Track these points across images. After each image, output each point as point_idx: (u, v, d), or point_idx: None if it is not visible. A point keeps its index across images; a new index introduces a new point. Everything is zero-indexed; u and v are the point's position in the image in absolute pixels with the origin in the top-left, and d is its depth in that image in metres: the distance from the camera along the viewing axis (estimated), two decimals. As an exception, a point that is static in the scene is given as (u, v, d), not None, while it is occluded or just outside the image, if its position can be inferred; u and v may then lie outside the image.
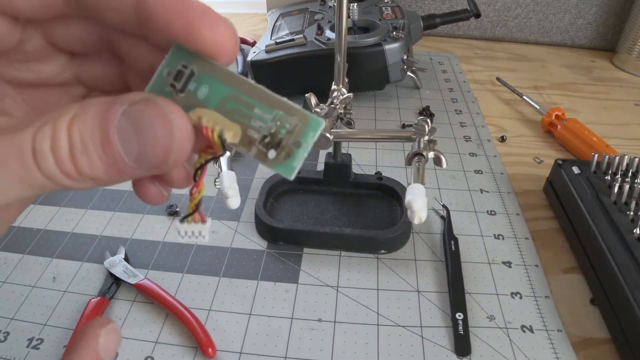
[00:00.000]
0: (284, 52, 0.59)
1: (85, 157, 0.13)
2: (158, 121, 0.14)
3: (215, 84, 0.15)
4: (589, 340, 0.35)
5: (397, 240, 0.41)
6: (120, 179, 0.14)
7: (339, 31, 0.38)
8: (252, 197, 0.47)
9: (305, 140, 0.15)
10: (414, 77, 0.66)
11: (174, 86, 0.15)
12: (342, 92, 0.40)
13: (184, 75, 0.15)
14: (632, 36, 0.73)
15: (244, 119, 0.15)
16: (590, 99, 0.67)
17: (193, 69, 0.15)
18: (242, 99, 0.15)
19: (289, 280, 0.39)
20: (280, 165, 0.15)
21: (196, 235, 0.17)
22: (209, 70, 0.15)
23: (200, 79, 0.15)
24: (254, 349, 0.34)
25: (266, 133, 0.15)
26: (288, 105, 0.15)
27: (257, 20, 0.92)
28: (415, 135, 0.35)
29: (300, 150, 0.15)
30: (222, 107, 0.15)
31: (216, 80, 0.15)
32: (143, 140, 0.14)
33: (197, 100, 0.15)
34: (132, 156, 0.14)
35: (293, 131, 0.15)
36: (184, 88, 0.15)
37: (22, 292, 0.37)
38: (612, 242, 0.36)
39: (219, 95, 0.15)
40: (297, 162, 0.15)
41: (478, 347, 0.34)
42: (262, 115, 0.15)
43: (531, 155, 0.55)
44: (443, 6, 0.83)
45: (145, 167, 0.14)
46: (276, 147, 0.15)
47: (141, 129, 0.14)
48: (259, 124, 0.15)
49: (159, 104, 0.14)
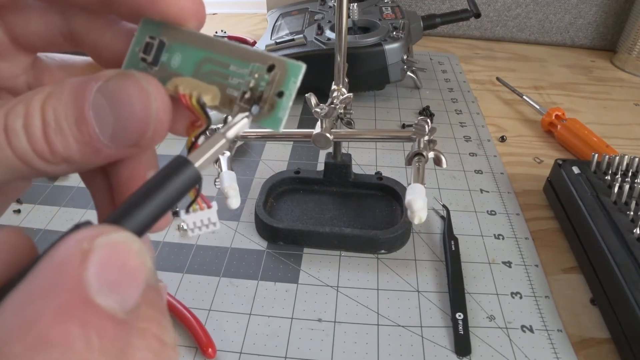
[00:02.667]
0: (283, 52, 0.59)
1: (59, 136, 0.13)
2: (134, 92, 0.13)
3: (187, 51, 0.15)
4: (589, 340, 0.35)
5: (397, 240, 0.41)
6: (95, 160, 0.14)
7: (339, 31, 0.38)
8: (252, 197, 0.47)
9: (287, 88, 0.14)
10: (414, 77, 0.66)
11: (145, 60, 0.15)
12: (342, 92, 0.40)
13: (153, 46, 0.15)
14: (632, 36, 0.73)
15: (221, 79, 0.14)
16: (590, 99, 0.67)
17: (163, 40, 0.15)
18: (217, 59, 0.14)
19: (289, 280, 0.39)
20: (265, 119, 0.14)
21: (206, 224, 0.16)
22: (179, 38, 0.15)
23: (172, 48, 0.15)
24: (254, 349, 0.34)
25: (245, 89, 0.14)
26: (263, 55, 0.14)
27: (257, 20, 0.92)
28: (415, 135, 0.35)
29: (283, 99, 0.14)
30: (198, 72, 0.15)
31: (188, 46, 0.15)
32: (119, 114, 0.13)
33: (172, 70, 0.15)
34: (107, 133, 0.13)
35: (273, 81, 0.14)
36: (157, 60, 0.15)
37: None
38: (612, 242, 0.36)
39: (192, 60, 0.15)
40: (282, 112, 0.14)
41: (478, 347, 0.34)
42: (239, 71, 0.14)
43: (531, 155, 0.55)
44: (443, 6, 0.83)
45: (122, 144, 0.14)
46: (258, 102, 0.14)
47: (117, 103, 0.13)
48: (237, 81, 0.14)
49: (134, 75, 0.13)
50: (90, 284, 0.10)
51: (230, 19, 0.93)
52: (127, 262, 0.11)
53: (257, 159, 0.53)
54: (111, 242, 0.11)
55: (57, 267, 0.10)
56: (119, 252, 0.11)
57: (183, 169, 0.13)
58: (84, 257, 0.10)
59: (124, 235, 0.11)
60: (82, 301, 0.10)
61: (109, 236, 0.11)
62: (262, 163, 0.52)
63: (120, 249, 0.11)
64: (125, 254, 0.11)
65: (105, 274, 0.11)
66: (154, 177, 0.13)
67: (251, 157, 0.53)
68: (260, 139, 0.48)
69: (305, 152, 0.54)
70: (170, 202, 0.13)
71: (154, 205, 0.12)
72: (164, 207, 0.13)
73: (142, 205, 0.12)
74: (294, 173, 0.46)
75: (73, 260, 0.10)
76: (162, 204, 0.13)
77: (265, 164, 0.52)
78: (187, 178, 0.13)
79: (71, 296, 0.10)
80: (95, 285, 0.10)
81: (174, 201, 0.13)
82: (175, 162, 0.13)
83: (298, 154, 0.54)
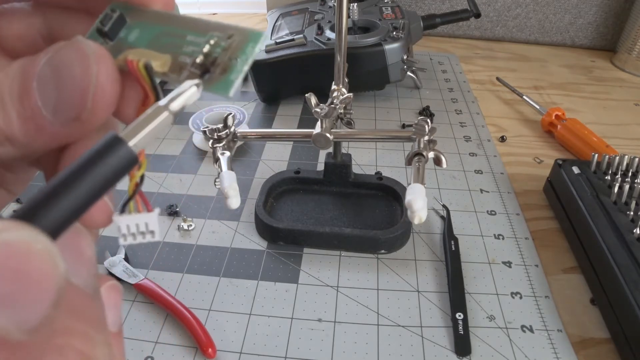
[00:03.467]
0: (284, 52, 0.59)
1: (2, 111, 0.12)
2: (75, 58, 0.12)
3: (146, 26, 0.14)
4: (589, 340, 0.35)
5: (397, 240, 0.41)
6: (40, 139, 0.13)
7: (339, 31, 0.38)
8: (252, 197, 0.47)
9: (244, 52, 0.13)
10: (414, 77, 0.66)
11: (101, 30, 0.14)
12: (342, 92, 0.40)
13: (111, 17, 0.14)
14: (632, 36, 0.73)
15: (175, 49, 0.13)
16: (590, 99, 0.67)
17: (123, 15, 0.14)
18: (175, 32, 0.14)
19: (289, 280, 0.39)
20: (216, 83, 0.13)
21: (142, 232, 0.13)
22: (143, 17, 0.14)
23: (133, 26, 0.14)
24: (254, 349, 0.34)
25: (199, 55, 0.13)
26: (225, 25, 0.13)
27: (257, 20, 0.92)
28: (415, 135, 0.35)
29: (238, 61, 0.13)
30: (154, 44, 0.14)
31: (147, 23, 0.14)
32: (60, 83, 0.12)
33: (128, 44, 0.14)
34: (50, 106, 0.12)
35: (230, 47, 0.13)
36: (114, 35, 0.14)
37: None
38: (612, 242, 0.36)
39: (149, 34, 0.14)
40: (234, 75, 0.13)
41: (478, 347, 0.34)
42: (195, 40, 0.13)
43: (531, 155, 0.55)
44: (443, 6, 0.83)
45: (64, 118, 0.12)
46: (211, 67, 0.13)
47: (59, 71, 0.12)
48: (192, 49, 0.13)
49: (77, 40, 0.12)
50: None
51: (230, 19, 0.93)
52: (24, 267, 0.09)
53: (257, 159, 0.53)
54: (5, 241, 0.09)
55: None
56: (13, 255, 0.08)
57: (114, 149, 0.11)
58: None
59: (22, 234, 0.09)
60: None
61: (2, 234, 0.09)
62: (262, 163, 0.52)
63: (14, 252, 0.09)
64: (22, 257, 0.09)
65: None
66: (78, 160, 0.11)
67: (251, 157, 0.53)
68: (260, 139, 0.48)
69: (305, 152, 0.54)
70: (98, 191, 0.11)
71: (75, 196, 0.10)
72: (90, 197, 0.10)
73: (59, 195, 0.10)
74: (294, 173, 0.46)
75: None
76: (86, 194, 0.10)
77: (265, 164, 0.52)
78: (119, 160, 0.11)
79: None
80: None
81: (101, 190, 0.11)
82: (104, 141, 0.11)
83: (298, 154, 0.54)
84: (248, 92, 0.67)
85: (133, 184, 0.13)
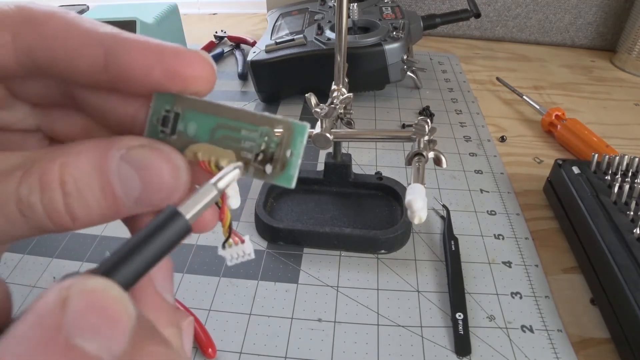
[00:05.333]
0: (284, 52, 0.59)
1: (82, 204, 0.13)
2: (164, 166, 0.14)
3: (201, 118, 0.16)
4: (589, 340, 0.35)
5: (397, 240, 0.41)
6: (113, 219, 0.14)
7: (339, 31, 0.38)
8: (252, 197, 0.47)
9: (295, 147, 0.15)
10: (414, 77, 0.66)
11: (164, 132, 0.16)
12: (342, 92, 0.40)
13: (169, 119, 0.15)
14: (632, 36, 0.73)
15: (235, 143, 0.15)
16: (590, 99, 0.67)
17: (177, 111, 0.15)
18: (229, 125, 0.15)
19: (289, 280, 0.39)
20: (278, 177, 0.16)
21: (242, 256, 0.18)
22: (192, 106, 0.15)
23: (187, 117, 0.16)
24: (254, 349, 0.34)
25: (258, 151, 0.15)
26: (271, 118, 0.15)
27: (257, 20, 0.92)
28: (415, 135, 0.35)
29: (293, 158, 0.15)
30: (213, 137, 0.16)
31: (201, 114, 0.15)
32: (148, 183, 0.14)
33: (189, 138, 0.16)
34: (132, 198, 0.14)
35: (282, 142, 0.15)
36: (174, 130, 0.16)
37: (22, 292, 0.37)
38: (612, 242, 0.36)
39: (207, 127, 0.15)
40: (293, 170, 0.15)
41: (478, 347, 0.34)
42: (250, 134, 0.15)
43: (531, 155, 0.55)
44: (443, 6, 0.83)
45: (145, 206, 0.14)
46: (270, 162, 0.15)
47: (147, 174, 0.14)
48: (250, 144, 0.15)
49: (164, 150, 0.14)
50: (69, 327, 0.10)
51: (230, 19, 0.93)
52: (106, 307, 0.11)
53: (257, 159, 0.53)
54: (88, 288, 0.11)
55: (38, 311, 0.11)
56: (98, 297, 0.11)
57: (174, 221, 0.13)
58: (63, 303, 0.11)
59: (101, 282, 0.11)
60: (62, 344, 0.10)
61: (85, 282, 0.11)
62: (262, 163, 0.52)
63: (97, 295, 0.11)
64: (103, 300, 0.11)
65: (84, 319, 0.11)
66: (145, 229, 0.13)
67: (251, 157, 0.53)
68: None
69: (305, 152, 0.54)
70: (161, 254, 0.13)
71: (143, 258, 0.13)
72: (154, 258, 0.13)
73: (130, 258, 0.13)
74: (294, 173, 0.46)
75: (53, 305, 0.11)
76: (151, 256, 0.13)
77: (265, 164, 0.52)
78: (177, 230, 0.13)
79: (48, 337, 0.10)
80: (75, 329, 0.11)
81: (164, 252, 0.13)
82: (165, 214, 0.13)
83: (298, 154, 0.54)
84: (248, 92, 0.67)
85: (226, 229, 0.17)
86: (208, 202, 0.14)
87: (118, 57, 0.14)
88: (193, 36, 0.81)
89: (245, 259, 0.18)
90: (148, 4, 0.69)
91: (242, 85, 0.69)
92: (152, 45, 0.14)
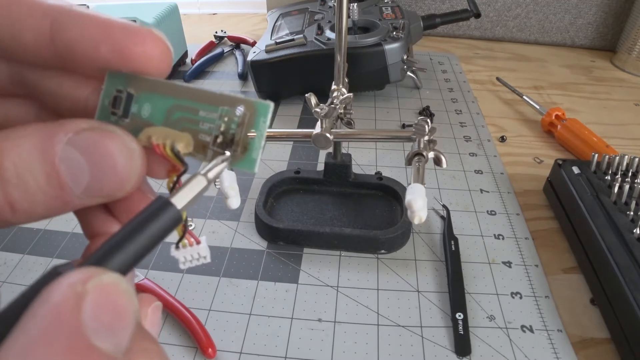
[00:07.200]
0: (284, 52, 0.59)
1: (23, 192, 0.12)
2: (116, 149, 0.13)
3: (156, 100, 0.15)
4: (589, 340, 0.35)
5: (397, 240, 0.41)
6: (61, 211, 0.13)
7: (339, 31, 0.38)
8: (252, 197, 0.47)
9: (258, 128, 0.14)
10: (414, 77, 0.66)
11: (115, 114, 0.15)
12: (342, 92, 0.40)
13: (122, 99, 0.15)
14: (632, 36, 0.73)
15: (192, 125, 0.14)
16: (590, 99, 0.67)
17: (130, 91, 0.15)
18: (186, 106, 0.14)
19: (289, 280, 0.39)
20: (240, 161, 0.14)
21: (197, 258, 0.16)
22: (147, 87, 0.15)
23: (141, 98, 0.15)
24: (254, 349, 0.34)
25: (217, 133, 0.14)
26: (231, 97, 0.14)
27: (257, 20, 0.92)
28: (415, 135, 0.35)
29: (255, 140, 0.14)
30: (169, 120, 0.15)
31: (156, 95, 0.15)
32: (97, 169, 0.13)
33: (143, 120, 0.15)
34: (81, 186, 0.13)
35: (243, 122, 0.14)
36: (127, 112, 0.15)
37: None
38: (612, 242, 0.36)
39: (162, 109, 0.15)
40: (255, 153, 0.14)
41: (478, 347, 0.34)
42: (208, 115, 0.14)
43: (531, 155, 0.55)
44: (443, 6, 0.83)
45: (95, 196, 0.13)
46: (230, 145, 0.14)
47: (96, 158, 0.13)
48: (208, 126, 0.14)
49: (115, 132, 0.13)
50: (88, 327, 0.10)
51: (230, 19, 0.93)
52: (118, 303, 0.11)
53: (257, 159, 0.53)
54: (102, 284, 0.11)
55: (54, 311, 0.10)
56: (111, 293, 0.11)
57: (165, 211, 0.13)
58: (79, 300, 0.10)
59: (113, 276, 0.11)
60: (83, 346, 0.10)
61: (100, 278, 0.11)
62: (262, 163, 0.52)
63: (111, 290, 0.11)
64: (116, 295, 0.11)
65: (100, 316, 0.11)
66: (136, 218, 0.13)
67: (251, 157, 0.53)
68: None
69: (305, 152, 0.54)
70: (152, 244, 0.13)
71: (135, 248, 0.13)
72: (146, 248, 0.13)
73: (123, 248, 0.12)
74: (294, 173, 0.46)
75: (69, 303, 0.10)
76: (144, 246, 0.13)
77: (265, 164, 0.52)
78: (168, 220, 0.13)
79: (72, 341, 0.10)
80: (93, 328, 0.10)
81: (155, 242, 0.13)
82: (157, 204, 0.13)
83: (298, 154, 0.54)
84: (248, 92, 0.67)
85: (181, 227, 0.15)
86: (199, 193, 0.14)
87: (64, 29, 0.13)
88: (193, 36, 0.81)
89: (200, 262, 0.16)
90: (148, 4, 0.69)
91: (242, 85, 0.69)
92: (100, 19, 0.13)
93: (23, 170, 0.12)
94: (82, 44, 0.13)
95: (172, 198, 0.13)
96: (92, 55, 0.13)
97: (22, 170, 0.12)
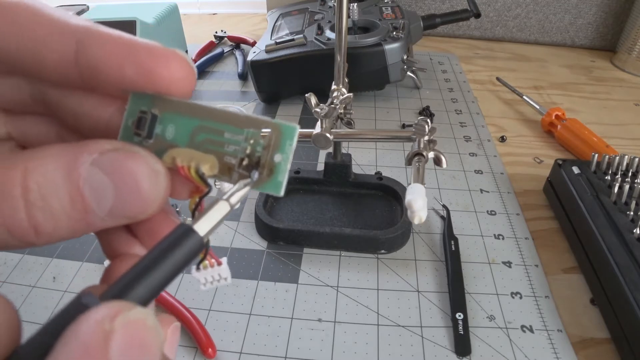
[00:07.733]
0: (284, 52, 0.59)
1: (47, 214, 0.12)
2: (142, 172, 0.13)
3: (180, 121, 0.14)
4: (589, 340, 0.35)
5: (397, 240, 0.41)
6: (83, 233, 0.13)
7: (339, 31, 0.38)
8: (252, 197, 0.47)
9: (284, 151, 0.14)
10: (414, 77, 0.66)
11: (139, 134, 0.14)
12: (342, 92, 0.40)
13: (145, 121, 0.14)
14: (632, 36, 0.73)
15: (217, 147, 0.14)
16: (590, 99, 0.67)
17: (154, 112, 0.14)
18: (210, 127, 0.14)
19: (289, 280, 0.39)
20: (266, 184, 0.14)
21: (218, 280, 0.16)
22: (170, 108, 0.14)
23: (165, 119, 0.14)
24: (254, 349, 0.34)
25: (242, 155, 0.14)
26: (256, 120, 0.14)
27: (257, 20, 0.92)
28: (415, 135, 0.35)
29: (281, 163, 0.14)
30: (193, 141, 0.14)
31: (180, 116, 0.14)
32: (122, 191, 0.12)
33: (167, 142, 0.14)
34: (105, 209, 0.13)
35: (269, 145, 0.14)
36: (151, 134, 0.14)
37: (22, 292, 0.37)
38: (612, 242, 0.36)
39: (186, 130, 0.14)
40: (281, 176, 0.14)
41: (478, 347, 0.34)
42: (234, 137, 0.14)
43: (531, 155, 0.55)
44: (443, 6, 0.83)
45: (119, 218, 0.13)
46: (257, 167, 0.14)
47: (121, 180, 0.12)
48: (233, 148, 0.14)
49: (140, 154, 0.13)
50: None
51: (230, 19, 0.93)
52: (145, 339, 0.11)
53: (257, 159, 0.53)
54: (130, 321, 0.11)
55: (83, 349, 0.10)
56: (138, 330, 0.11)
57: (188, 238, 0.13)
58: (107, 338, 0.10)
59: (139, 312, 0.11)
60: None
61: (127, 315, 0.11)
62: (262, 163, 0.52)
63: (138, 327, 0.11)
64: (143, 332, 0.11)
65: (127, 353, 0.11)
66: (158, 246, 0.13)
67: (251, 157, 0.53)
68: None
69: (305, 152, 0.54)
70: (175, 272, 0.13)
71: (158, 277, 0.12)
72: (169, 277, 0.13)
73: (146, 277, 0.12)
74: (294, 173, 0.46)
75: (97, 341, 0.10)
76: (166, 275, 0.12)
77: (265, 164, 0.52)
78: (191, 248, 0.13)
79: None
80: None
81: (178, 271, 0.13)
82: (179, 231, 0.13)
83: (298, 154, 0.54)
84: (248, 92, 0.67)
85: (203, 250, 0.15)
86: (221, 219, 0.13)
87: (89, 49, 0.13)
88: (193, 36, 0.81)
89: (221, 284, 0.16)
90: (148, 4, 0.69)
91: (242, 85, 0.69)
92: (124, 40, 0.13)
93: (48, 192, 0.12)
94: (106, 66, 0.13)
95: (195, 225, 0.13)
96: (117, 76, 0.13)
97: (47, 192, 0.12)
